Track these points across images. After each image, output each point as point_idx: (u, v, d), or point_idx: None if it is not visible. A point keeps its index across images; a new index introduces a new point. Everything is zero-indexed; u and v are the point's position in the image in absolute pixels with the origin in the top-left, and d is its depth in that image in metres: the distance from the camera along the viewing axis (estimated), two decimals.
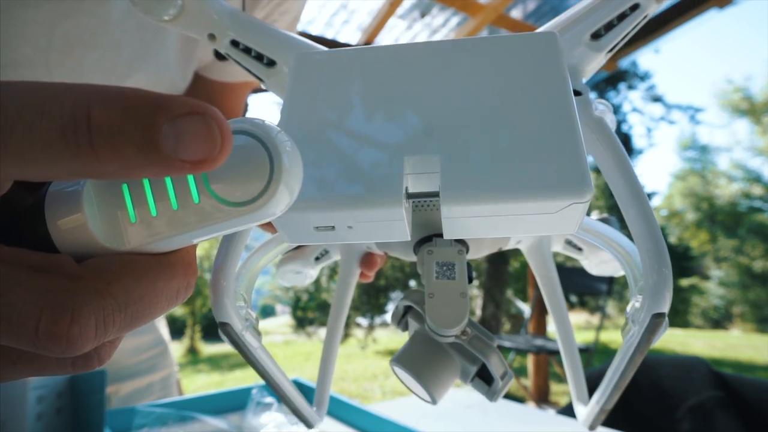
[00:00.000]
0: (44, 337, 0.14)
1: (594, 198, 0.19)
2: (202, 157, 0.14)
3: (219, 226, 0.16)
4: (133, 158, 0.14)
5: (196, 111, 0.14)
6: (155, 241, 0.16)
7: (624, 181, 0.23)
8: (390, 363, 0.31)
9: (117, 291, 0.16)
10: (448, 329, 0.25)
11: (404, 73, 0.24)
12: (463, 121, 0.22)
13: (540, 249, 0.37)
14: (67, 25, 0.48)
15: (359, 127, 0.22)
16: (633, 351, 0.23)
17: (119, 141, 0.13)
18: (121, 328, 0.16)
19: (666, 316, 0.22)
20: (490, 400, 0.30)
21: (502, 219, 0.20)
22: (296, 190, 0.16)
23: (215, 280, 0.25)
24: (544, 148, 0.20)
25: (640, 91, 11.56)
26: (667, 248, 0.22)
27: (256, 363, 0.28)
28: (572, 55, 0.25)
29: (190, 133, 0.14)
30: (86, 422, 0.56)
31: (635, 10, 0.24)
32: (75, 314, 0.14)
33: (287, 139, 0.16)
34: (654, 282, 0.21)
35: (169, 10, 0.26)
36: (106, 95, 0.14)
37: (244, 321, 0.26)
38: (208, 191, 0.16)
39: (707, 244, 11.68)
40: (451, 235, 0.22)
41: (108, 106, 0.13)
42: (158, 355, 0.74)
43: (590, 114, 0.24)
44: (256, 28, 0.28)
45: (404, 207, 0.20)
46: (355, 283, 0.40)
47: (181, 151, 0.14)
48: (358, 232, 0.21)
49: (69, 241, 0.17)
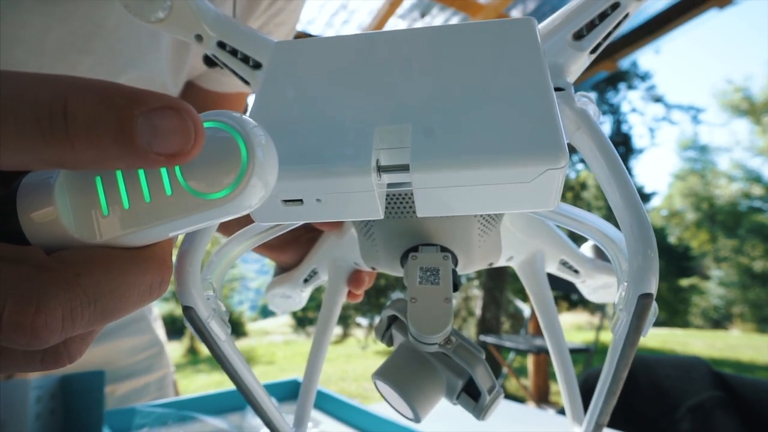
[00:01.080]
0: (8, 328, 0.14)
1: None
2: (175, 150, 0.14)
3: (192, 219, 0.16)
4: (109, 149, 0.14)
5: (170, 106, 0.14)
6: (128, 234, 0.16)
7: (607, 166, 0.22)
8: (372, 377, 0.29)
9: (86, 283, 0.15)
10: (431, 335, 0.25)
11: (380, 56, 0.24)
12: (437, 96, 0.21)
13: (533, 267, 0.36)
14: (61, 30, 0.48)
15: (332, 105, 0.22)
16: (623, 344, 0.22)
17: (95, 131, 0.14)
18: (91, 321, 0.16)
19: (653, 299, 0.21)
20: (478, 418, 0.29)
21: (475, 190, 0.20)
22: (271, 183, 0.16)
23: (180, 265, 0.24)
24: (519, 117, 0.20)
25: (641, 91, 11.57)
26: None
27: (222, 356, 0.26)
28: (556, 54, 0.25)
29: (164, 126, 0.14)
30: (84, 422, 0.56)
31: (616, 8, 0.24)
32: (41, 305, 0.14)
33: (262, 132, 0.16)
34: (639, 265, 0.21)
35: (158, 12, 0.26)
36: (84, 86, 0.14)
37: (211, 310, 0.25)
38: (181, 183, 0.16)
39: (707, 244, 11.68)
40: (425, 212, 0.21)
41: (85, 96, 0.14)
42: (154, 356, 0.74)
43: (572, 106, 0.24)
44: (243, 30, 0.28)
45: (374, 179, 0.20)
46: (341, 302, 0.39)
47: (156, 144, 0.14)
48: (327, 207, 0.21)
49: (40, 233, 0.16)
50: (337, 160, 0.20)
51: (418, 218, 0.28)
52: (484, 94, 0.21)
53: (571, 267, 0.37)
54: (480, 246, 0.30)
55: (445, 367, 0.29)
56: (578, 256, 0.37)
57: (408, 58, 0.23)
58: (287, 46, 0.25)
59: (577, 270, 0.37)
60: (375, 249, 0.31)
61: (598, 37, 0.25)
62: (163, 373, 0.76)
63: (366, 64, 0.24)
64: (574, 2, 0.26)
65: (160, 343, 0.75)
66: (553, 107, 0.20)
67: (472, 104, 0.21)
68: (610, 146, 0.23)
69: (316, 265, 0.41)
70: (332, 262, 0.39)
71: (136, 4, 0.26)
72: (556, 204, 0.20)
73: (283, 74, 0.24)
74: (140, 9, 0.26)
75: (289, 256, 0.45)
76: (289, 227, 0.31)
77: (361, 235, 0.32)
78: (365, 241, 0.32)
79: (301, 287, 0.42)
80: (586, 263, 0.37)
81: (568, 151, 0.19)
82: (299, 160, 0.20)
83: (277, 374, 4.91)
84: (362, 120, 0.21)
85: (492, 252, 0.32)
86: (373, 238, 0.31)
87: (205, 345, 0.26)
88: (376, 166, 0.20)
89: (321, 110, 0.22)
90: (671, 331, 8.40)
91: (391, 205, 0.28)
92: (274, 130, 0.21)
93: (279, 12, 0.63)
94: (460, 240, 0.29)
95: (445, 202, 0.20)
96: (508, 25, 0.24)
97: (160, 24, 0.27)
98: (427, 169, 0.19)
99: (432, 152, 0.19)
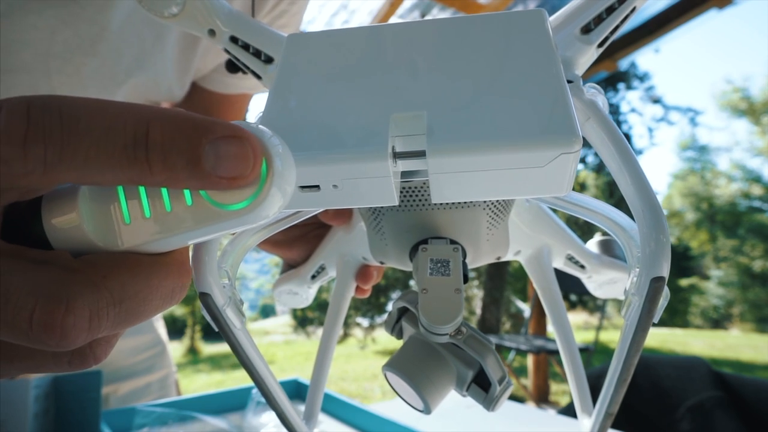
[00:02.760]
0: (38, 328, 0.14)
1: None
2: (236, 174, 0.15)
3: (212, 228, 0.16)
4: (179, 172, 0.15)
5: (234, 135, 0.16)
6: (149, 242, 0.17)
7: (618, 155, 0.23)
8: (382, 369, 0.29)
9: (112, 285, 0.16)
10: (442, 326, 0.25)
11: (393, 46, 0.24)
12: (450, 84, 0.22)
13: (540, 261, 0.36)
14: (67, 33, 0.48)
15: (347, 94, 0.22)
16: (635, 329, 0.22)
17: (169, 157, 0.15)
18: (116, 323, 0.16)
19: (665, 282, 0.21)
20: (488, 409, 0.28)
21: (489, 176, 0.20)
22: (289, 192, 0.16)
23: (196, 253, 0.24)
24: (532, 103, 0.20)
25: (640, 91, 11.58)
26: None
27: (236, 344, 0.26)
28: (564, 48, 0.26)
29: (228, 153, 0.15)
30: (80, 422, 0.56)
31: (623, 2, 0.25)
32: (69, 305, 0.15)
33: (279, 142, 0.16)
34: (652, 250, 0.21)
35: (171, 7, 0.27)
36: (162, 116, 0.16)
37: (227, 297, 0.25)
38: (201, 194, 0.16)
39: (707, 244, 11.69)
40: (439, 198, 0.21)
41: (162, 126, 0.15)
42: (156, 356, 0.74)
43: (582, 97, 0.24)
44: (255, 25, 0.28)
45: (390, 165, 0.20)
46: (350, 297, 0.39)
47: (219, 168, 0.15)
48: (343, 194, 0.21)
49: (64, 239, 0.17)
50: (354, 146, 0.20)
51: (428, 212, 0.28)
52: (496, 81, 0.21)
53: (577, 262, 0.37)
54: (488, 239, 0.31)
55: (456, 357, 0.29)
56: (584, 252, 0.37)
57: (421, 48, 0.24)
58: (300, 38, 0.26)
59: (584, 265, 0.37)
60: (384, 243, 0.32)
61: (605, 30, 0.25)
62: (165, 372, 0.76)
63: (379, 55, 0.24)
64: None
65: (162, 343, 0.76)
66: (566, 93, 0.20)
67: (486, 91, 0.21)
68: (620, 135, 0.23)
69: (323, 261, 0.42)
70: (340, 258, 0.39)
71: (150, 0, 0.26)
72: (568, 189, 0.20)
73: (297, 65, 0.24)
74: (154, 4, 0.27)
75: (297, 253, 0.45)
76: (301, 217, 0.31)
77: (371, 229, 0.32)
78: (374, 235, 0.32)
79: (308, 284, 0.42)
80: (593, 258, 0.37)
81: (581, 136, 0.19)
82: (316, 146, 0.20)
83: (278, 374, 4.90)
84: (377, 108, 0.21)
85: (500, 245, 0.32)
86: (382, 231, 0.31)
87: (220, 332, 0.26)
88: (392, 153, 0.20)
89: (336, 99, 0.22)
90: (671, 331, 8.40)
91: (402, 197, 0.28)
92: (291, 119, 0.21)
93: (282, 14, 0.63)
94: (469, 233, 0.29)
95: (460, 188, 0.21)
96: (519, 16, 0.24)
97: (174, 19, 0.27)
98: (443, 154, 0.19)
99: (447, 138, 0.19)
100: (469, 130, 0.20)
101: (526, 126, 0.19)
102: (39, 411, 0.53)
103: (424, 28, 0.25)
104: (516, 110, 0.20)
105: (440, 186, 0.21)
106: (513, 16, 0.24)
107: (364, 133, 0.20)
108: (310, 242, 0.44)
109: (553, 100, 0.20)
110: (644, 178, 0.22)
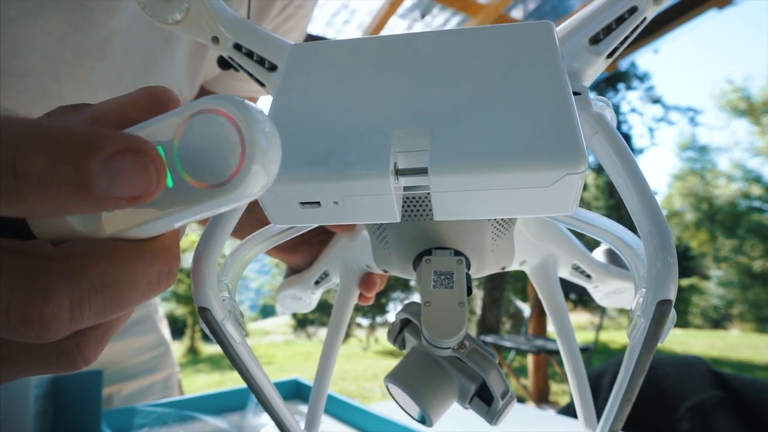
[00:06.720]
0: (16, 320, 0.14)
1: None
2: (138, 193, 0.14)
3: (196, 209, 0.16)
4: (65, 202, 0.13)
5: (129, 148, 0.14)
6: (132, 228, 0.16)
7: (625, 171, 0.22)
8: (384, 380, 0.29)
9: (93, 273, 0.15)
10: (445, 340, 0.24)
11: (397, 59, 0.24)
12: (455, 99, 0.21)
13: (546, 271, 0.35)
14: (77, 37, 0.48)
15: (349, 108, 0.22)
16: (640, 350, 0.22)
17: (49, 188, 0.13)
18: (99, 311, 0.15)
19: (672, 305, 0.21)
20: (490, 423, 0.28)
21: (493, 195, 0.19)
22: (274, 170, 0.16)
23: (196, 266, 0.24)
24: (538, 121, 0.20)
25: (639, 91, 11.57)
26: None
27: (236, 358, 0.26)
28: (572, 59, 0.25)
29: (124, 171, 0.14)
30: (80, 422, 0.56)
31: (633, 13, 0.24)
32: (48, 295, 0.14)
33: (265, 118, 0.16)
34: (658, 271, 0.20)
35: (175, 13, 0.26)
36: (33, 138, 0.13)
37: (227, 311, 0.25)
38: (182, 175, 0.15)
39: (707, 244, 11.68)
40: (442, 216, 0.21)
41: (35, 151, 0.13)
42: (160, 356, 0.74)
43: (589, 111, 0.24)
44: (259, 32, 0.28)
45: (392, 182, 0.19)
46: (353, 304, 0.38)
47: (116, 189, 0.14)
48: (344, 210, 0.21)
49: (46, 227, 0.16)
50: (356, 162, 0.20)
51: (432, 221, 0.28)
52: (502, 97, 0.21)
53: (583, 272, 0.37)
54: (493, 250, 0.30)
55: (458, 371, 0.28)
56: (591, 261, 0.37)
57: (426, 61, 0.23)
58: (303, 49, 0.25)
59: (590, 275, 0.37)
60: (388, 252, 0.31)
61: (615, 41, 0.25)
62: (168, 372, 0.76)
63: (383, 67, 0.23)
64: (591, 6, 0.25)
65: (165, 343, 0.76)
66: (573, 112, 0.20)
67: (491, 108, 0.21)
68: (628, 151, 0.23)
69: (327, 267, 0.41)
70: (344, 264, 0.39)
71: (153, 6, 0.26)
72: (574, 208, 0.20)
73: (299, 76, 0.24)
74: (157, 10, 0.26)
75: (301, 258, 0.45)
76: (303, 230, 0.31)
77: (374, 237, 0.32)
78: (378, 244, 0.32)
79: (312, 289, 0.42)
80: (599, 268, 0.37)
81: (587, 156, 0.18)
82: (317, 163, 0.20)
83: (277, 374, 4.91)
84: (380, 123, 0.21)
85: (505, 256, 0.31)
86: (386, 240, 0.31)
87: (220, 346, 0.25)
88: (394, 169, 0.20)
89: (338, 113, 0.22)
90: (671, 331, 8.37)
91: (405, 207, 0.28)
92: (292, 132, 0.21)
93: (289, 18, 0.63)
94: (474, 244, 0.29)
95: (463, 206, 0.20)
96: (526, 29, 0.23)
97: (177, 26, 0.27)
98: (446, 173, 0.19)
99: (450, 156, 0.19)
100: (473, 147, 0.19)
101: (532, 145, 0.19)
102: (39, 411, 0.53)
103: (429, 39, 0.24)
104: (521, 127, 0.19)
105: (442, 204, 0.20)
106: (520, 28, 0.24)
107: (366, 148, 0.20)
108: (314, 247, 0.44)
109: (560, 118, 0.19)
110: (651, 196, 0.22)
